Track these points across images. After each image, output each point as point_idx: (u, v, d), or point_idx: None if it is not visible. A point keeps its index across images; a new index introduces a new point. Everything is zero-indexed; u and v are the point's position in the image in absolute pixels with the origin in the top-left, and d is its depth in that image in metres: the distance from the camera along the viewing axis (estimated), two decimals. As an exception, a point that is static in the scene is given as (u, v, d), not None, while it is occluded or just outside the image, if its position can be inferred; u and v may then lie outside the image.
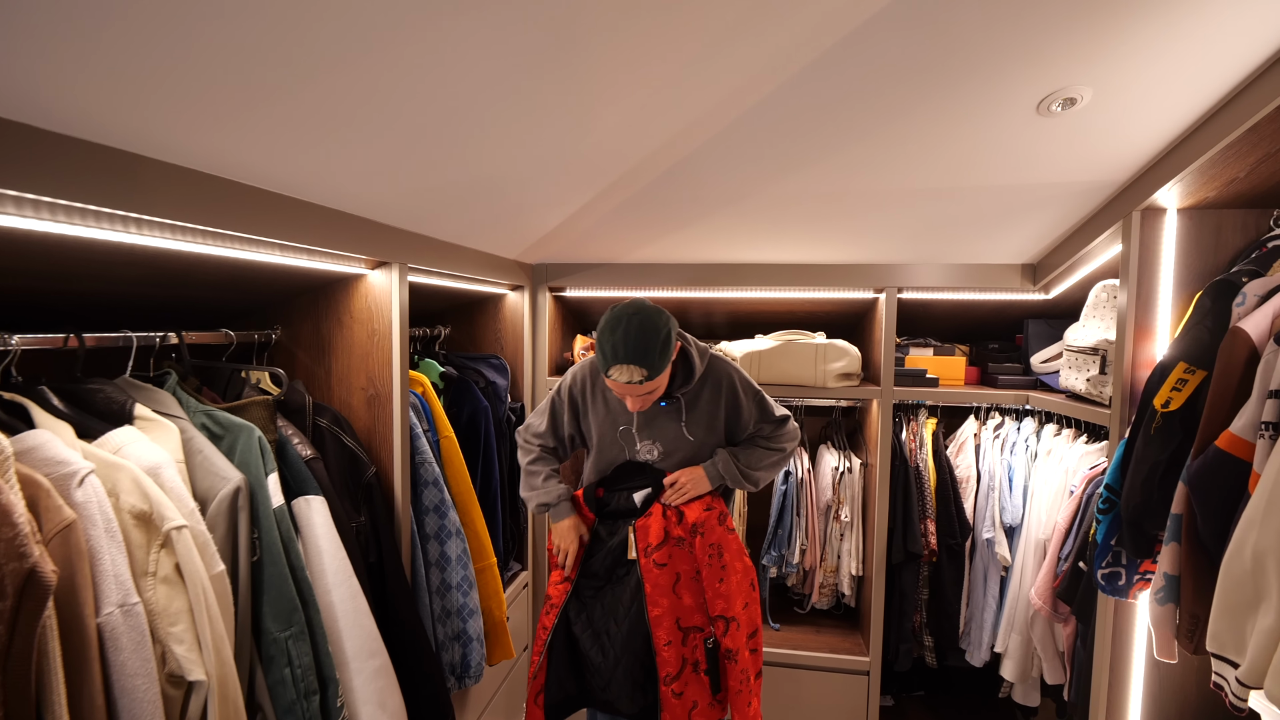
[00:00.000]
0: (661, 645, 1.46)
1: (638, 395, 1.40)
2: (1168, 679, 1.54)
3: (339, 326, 1.42)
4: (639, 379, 1.34)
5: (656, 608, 1.47)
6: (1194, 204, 1.47)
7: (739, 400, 1.57)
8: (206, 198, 0.91)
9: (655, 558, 1.48)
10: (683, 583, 1.49)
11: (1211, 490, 1.21)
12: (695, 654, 1.48)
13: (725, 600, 1.45)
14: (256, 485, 1.08)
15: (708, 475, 1.52)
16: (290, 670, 1.05)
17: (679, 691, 1.46)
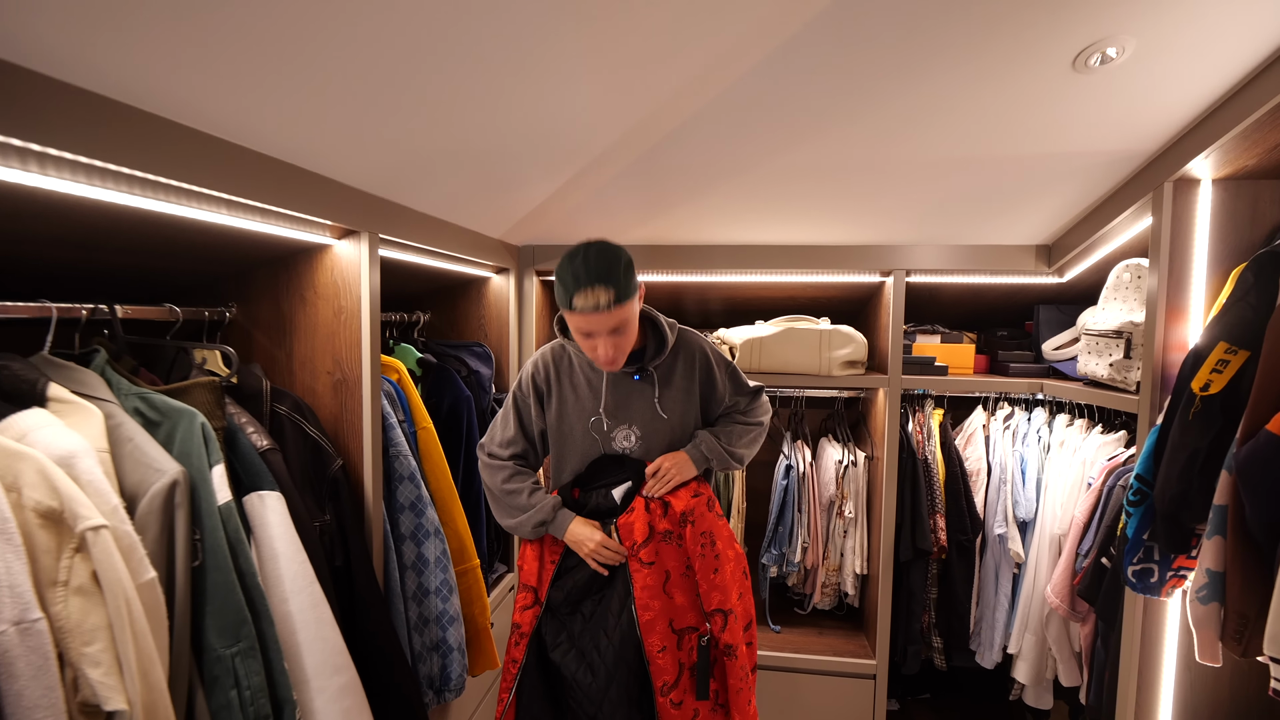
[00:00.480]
0: (655, 653, 1.33)
1: (607, 330, 1.23)
2: (1200, 682, 1.44)
3: (302, 304, 1.27)
4: (605, 302, 1.18)
5: (648, 611, 1.33)
6: (1230, 174, 1.37)
7: (712, 372, 1.45)
8: (121, 132, 0.77)
9: (642, 556, 1.34)
10: (673, 580, 1.35)
11: (1263, 478, 1.11)
12: (692, 656, 1.35)
13: (722, 592, 1.33)
14: (198, 479, 0.94)
15: (692, 459, 1.38)
16: (237, 692, 0.91)
17: (678, 701, 1.33)
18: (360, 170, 1.19)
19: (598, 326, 1.22)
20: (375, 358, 1.26)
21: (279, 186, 1.01)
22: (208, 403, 1.02)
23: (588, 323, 1.22)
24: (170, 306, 1.13)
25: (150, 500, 0.87)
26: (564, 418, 1.42)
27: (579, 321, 1.23)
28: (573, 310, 1.22)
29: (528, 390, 1.45)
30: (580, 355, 1.43)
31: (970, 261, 1.94)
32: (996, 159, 1.49)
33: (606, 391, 1.39)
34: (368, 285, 1.24)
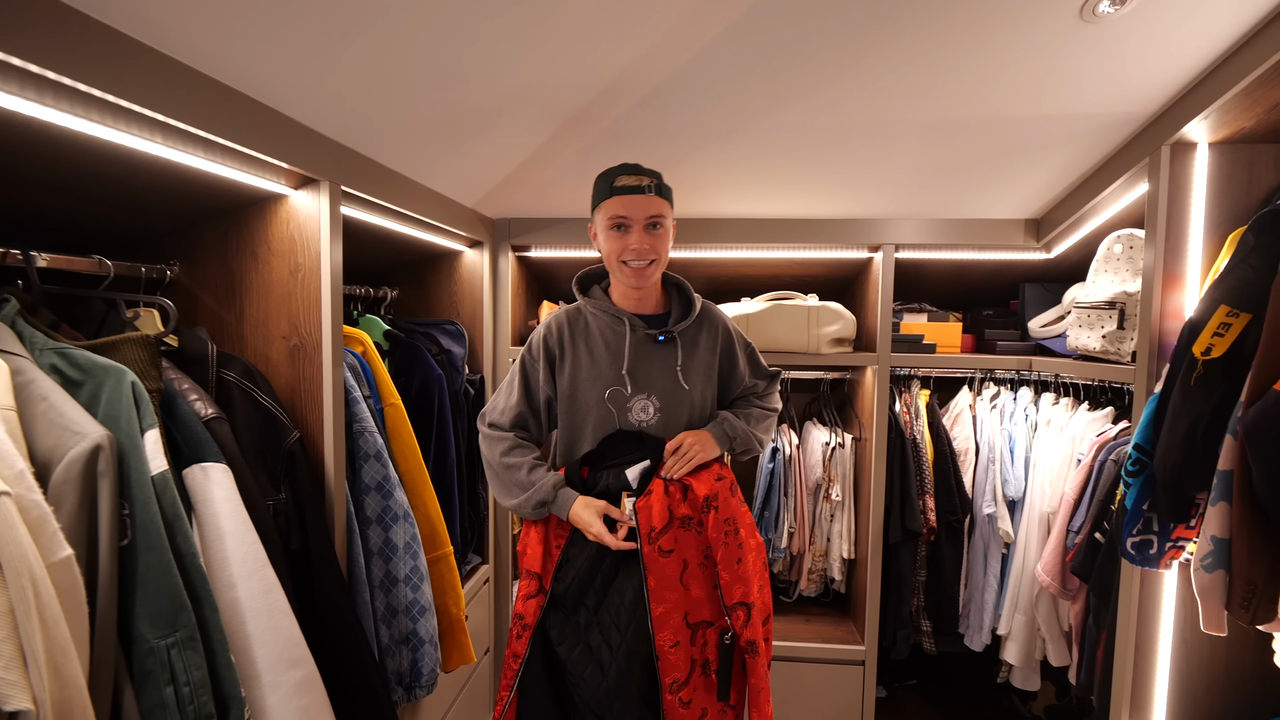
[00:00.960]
0: (667, 648, 1.22)
1: (645, 217, 1.23)
2: (1196, 655, 1.42)
3: (254, 261, 1.15)
4: (648, 185, 1.22)
5: (662, 604, 1.22)
6: (1227, 137, 1.35)
7: (734, 349, 1.38)
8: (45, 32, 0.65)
9: (660, 544, 1.22)
10: (691, 571, 1.24)
11: (1271, 439, 1.07)
12: (705, 653, 1.25)
13: (744, 584, 1.23)
14: (128, 445, 0.82)
15: (715, 437, 1.29)
16: (174, 689, 0.79)
17: (687, 699, 1.22)
18: (322, 112, 1.07)
19: (636, 211, 1.22)
20: (337, 321, 1.15)
21: (229, 117, 0.90)
22: (140, 361, 0.89)
23: (627, 206, 1.22)
24: (99, 258, 0.99)
25: (67, 467, 0.75)
26: (577, 384, 1.30)
27: (618, 205, 1.23)
28: (613, 193, 1.23)
29: (538, 353, 1.33)
30: (600, 317, 1.32)
31: (959, 236, 1.90)
32: (995, 120, 1.45)
33: (629, 353, 1.28)
34: (328, 241, 1.12)
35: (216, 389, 1.05)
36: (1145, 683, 1.45)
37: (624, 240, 1.23)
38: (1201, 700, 1.43)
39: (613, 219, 1.24)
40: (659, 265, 1.27)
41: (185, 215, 1.12)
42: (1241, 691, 1.42)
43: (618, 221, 1.23)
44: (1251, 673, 1.42)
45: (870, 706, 2.01)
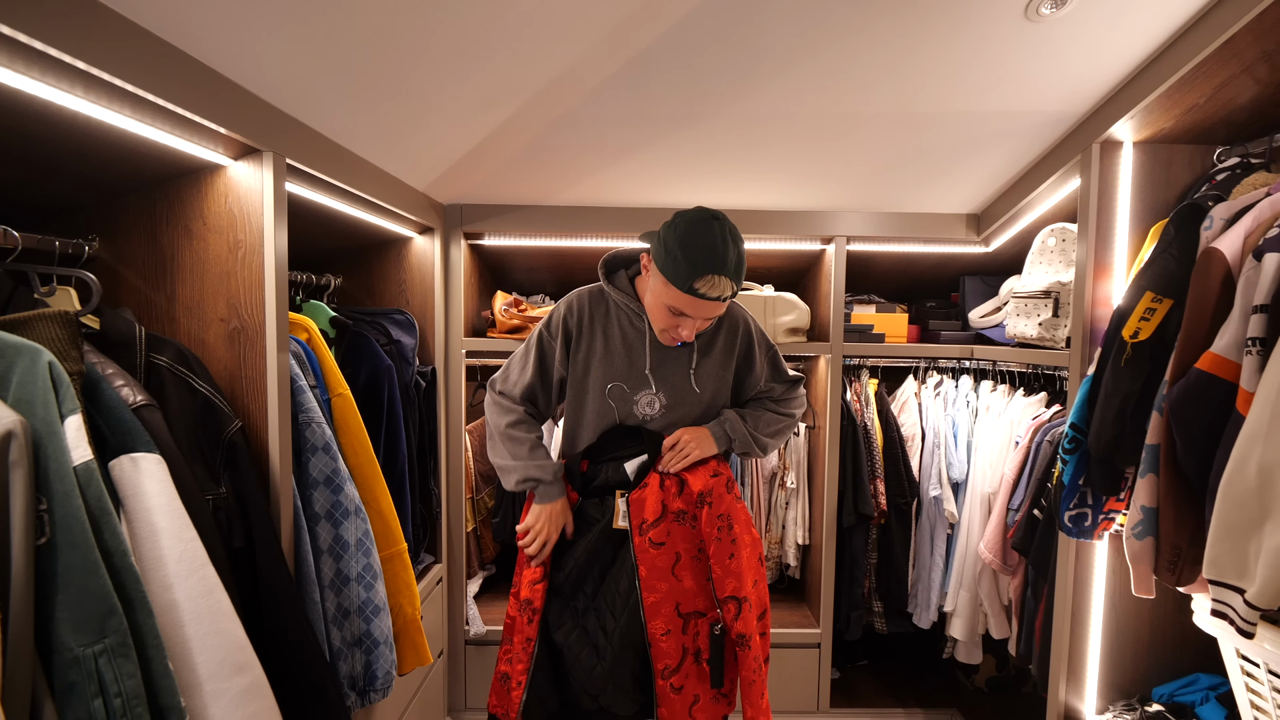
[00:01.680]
0: (658, 636, 1.23)
1: (707, 317, 1.19)
2: (1124, 619, 1.53)
3: (188, 237, 1.06)
4: (729, 294, 1.15)
5: (653, 594, 1.24)
6: (1149, 137, 1.45)
7: (753, 350, 1.36)
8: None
9: (652, 536, 1.24)
10: (683, 563, 1.26)
11: (1194, 414, 1.16)
12: (697, 642, 1.26)
13: (736, 579, 1.24)
14: (45, 433, 0.73)
15: (713, 435, 1.29)
16: (103, 701, 0.71)
17: (678, 685, 1.24)
18: (266, 76, 1.00)
19: (705, 314, 1.17)
20: (282, 302, 1.07)
21: (162, 73, 0.82)
22: (58, 340, 0.80)
23: (697, 309, 1.15)
24: (4, 229, 0.89)
25: (-29, 456, 0.66)
26: (589, 370, 1.30)
27: (688, 305, 1.14)
28: (690, 292, 1.12)
29: (556, 330, 1.31)
30: (623, 308, 1.31)
31: (906, 229, 1.98)
32: (943, 114, 1.51)
33: (650, 353, 1.28)
34: (272, 215, 1.04)
35: (146, 375, 0.96)
36: (1080, 647, 1.54)
37: (676, 323, 1.20)
38: (1129, 661, 1.53)
39: (674, 307, 1.17)
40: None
41: (109, 185, 1.02)
42: (1164, 651, 1.54)
43: (678, 311, 1.17)
44: (1172, 634, 1.54)
45: (826, 686, 2.06)
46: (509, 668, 1.33)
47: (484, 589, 2.25)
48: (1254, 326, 1.08)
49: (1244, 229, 1.19)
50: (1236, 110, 1.35)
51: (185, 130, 0.92)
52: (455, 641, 2.02)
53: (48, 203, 1.04)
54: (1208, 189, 1.35)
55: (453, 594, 2.00)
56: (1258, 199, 1.22)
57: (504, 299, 2.08)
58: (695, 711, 1.25)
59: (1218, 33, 1.15)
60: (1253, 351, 1.08)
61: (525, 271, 2.35)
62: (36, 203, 1.04)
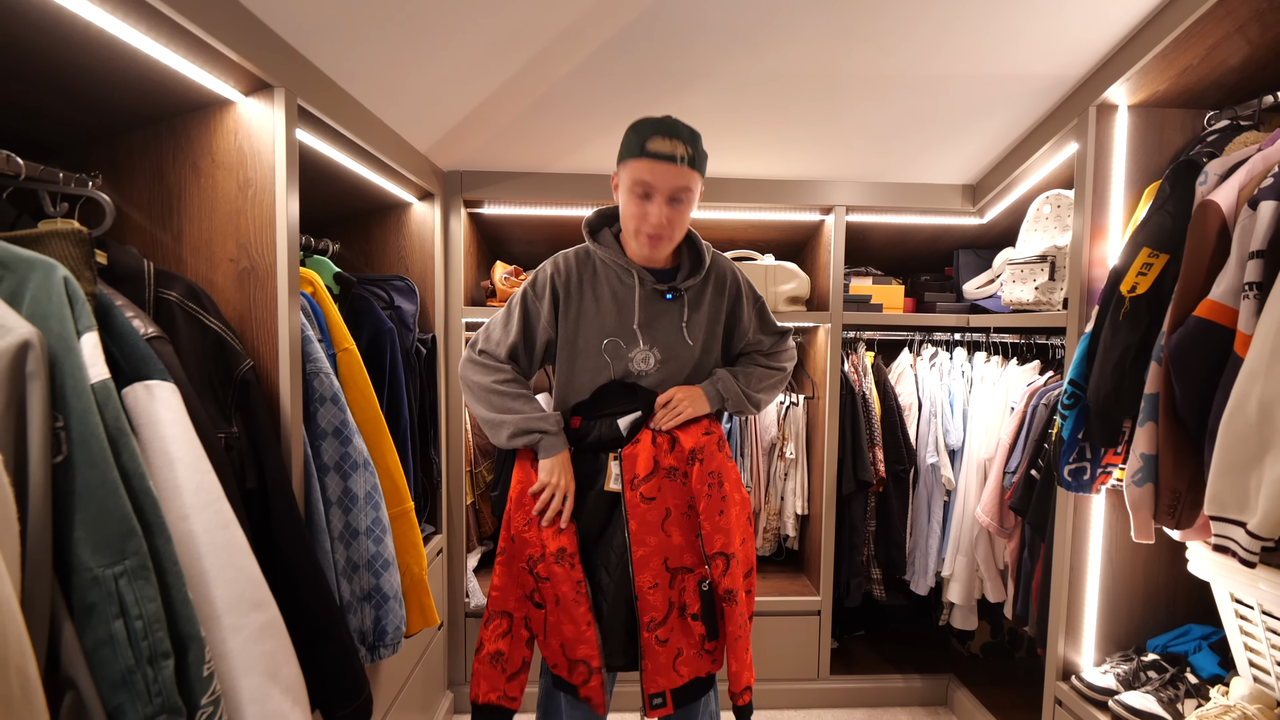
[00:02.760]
0: (646, 589, 1.23)
1: (670, 189, 1.15)
2: (1120, 572, 1.56)
3: (195, 174, 1.03)
4: (682, 154, 1.13)
5: (642, 547, 1.24)
6: (1143, 100, 1.49)
7: (741, 304, 1.36)
8: None
9: (643, 490, 1.24)
10: (672, 519, 1.26)
11: (1192, 360, 1.19)
12: (683, 597, 1.26)
13: (725, 535, 1.24)
14: (61, 348, 0.71)
15: (706, 395, 1.29)
16: (124, 622, 0.69)
17: (664, 638, 1.24)
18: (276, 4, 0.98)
19: (663, 181, 1.14)
20: (293, 242, 1.05)
21: (173, -15, 0.80)
22: (71, 259, 0.78)
23: (655, 174, 1.14)
24: (7, 154, 0.86)
25: (-11, 362, 0.64)
26: (580, 330, 1.28)
27: (646, 171, 1.14)
28: (643, 155, 1.13)
29: (543, 290, 1.28)
30: (610, 265, 1.29)
31: (904, 199, 2.00)
32: (942, 78, 1.53)
33: (639, 307, 1.26)
34: (284, 154, 1.02)
35: (155, 310, 0.94)
36: (1077, 601, 1.58)
37: (644, 209, 1.17)
38: (1124, 614, 1.57)
39: (637, 184, 1.16)
40: (676, 239, 1.24)
41: (114, 116, 0.99)
42: (1157, 603, 1.58)
43: (642, 189, 1.16)
44: (1165, 587, 1.58)
45: (826, 653, 2.08)
46: (503, 644, 1.27)
47: (482, 564, 2.23)
48: (1250, 271, 1.11)
49: (1238, 182, 1.23)
50: (1227, 72, 1.39)
51: (198, 55, 0.89)
52: (455, 613, 2.00)
53: (50, 137, 1.01)
54: (1201, 148, 1.39)
55: (453, 565, 1.98)
56: (1250, 154, 1.25)
57: (504, 268, 2.06)
58: (679, 664, 1.25)
59: (1212, -7, 1.18)
60: (1250, 296, 1.11)
61: (523, 244, 2.33)
62: (38, 137, 1.01)
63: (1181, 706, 1.39)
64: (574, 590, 1.21)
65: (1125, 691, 1.45)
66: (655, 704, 1.24)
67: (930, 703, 2.12)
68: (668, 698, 1.25)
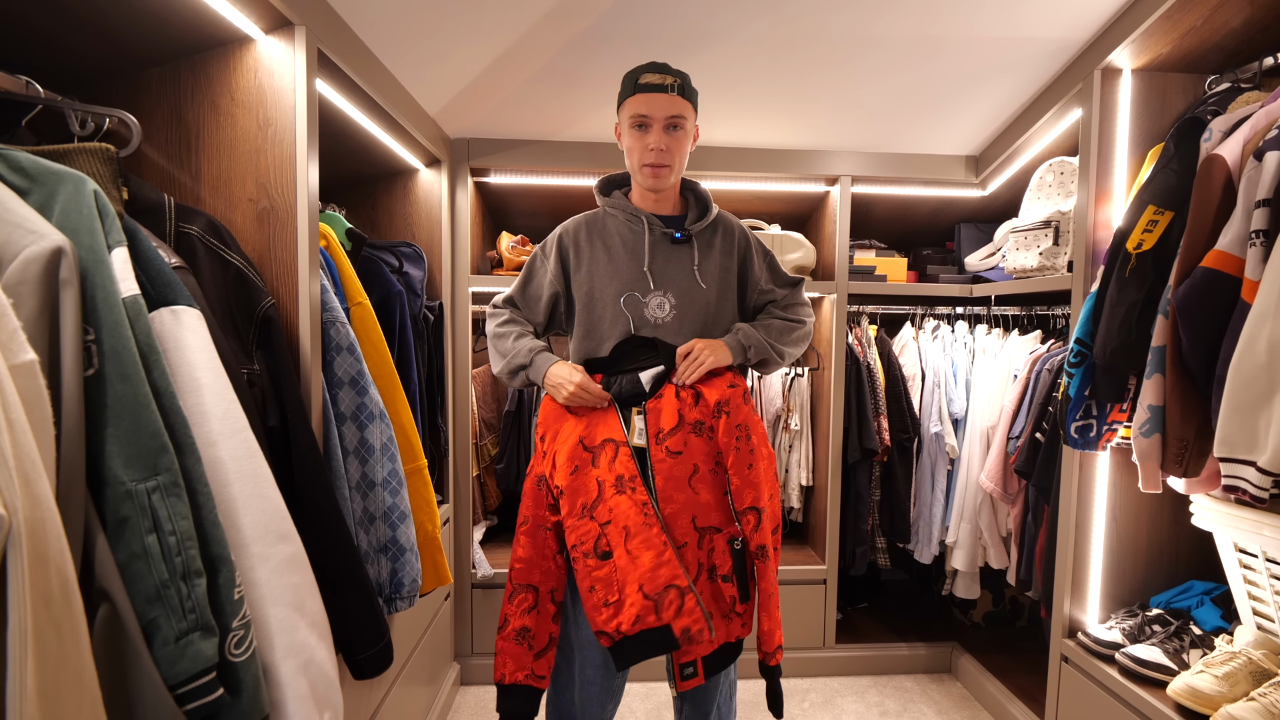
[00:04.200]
0: (675, 548, 1.19)
1: (666, 116, 1.22)
2: (1124, 530, 1.59)
3: (214, 112, 1.02)
4: (672, 84, 1.21)
5: (670, 504, 1.20)
6: (1146, 64, 1.51)
7: (750, 254, 1.37)
8: None
9: (669, 445, 1.21)
10: (700, 475, 1.22)
11: (1200, 310, 1.21)
12: (712, 559, 1.22)
13: (755, 490, 1.22)
14: (91, 261, 0.70)
15: (729, 346, 1.29)
16: (158, 538, 0.69)
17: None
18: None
19: (657, 110, 1.22)
20: (313, 181, 1.04)
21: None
22: (99, 176, 0.77)
23: (650, 104, 1.22)
24: (27, 79, 0.84)
25: (24, 266, 0.63)
26: (594, 281, 1.29)
27: (640, 103, 1.23)
28: (637, 90, 1.22)
29: (550, 250, 1.34)
30: (617, 216, 1.31)
31: (908, 170, 2.02)
32: (954, 40, 1.54)
33: (648, 251, 1.28)
34: (305, 93, 1.01)
35: (176, 244, 0.92)
36: (1082, 559, 1.60)
37: (644, 139, 1.24)
38: (1128, 571, 1.60)
39: (634, 117, 1.24)
40: (677, 169, 1.27)
41: (133, 50, 0.98)
42: (1160, 561, 1.60)
43: (639, 120, 1.24)
44: (1168, 545, 1.61)
45: (832, 622, 2.09)
46: (529, 620, 1.22)
47: (487, 537, 2.22)
48: (1257, 220, 1.14)
49: (1243, 136, 1.25)
50: (1229, 35, 1.41)
51: (222, -16, 0.89)
52: (462, 583, 1.99)
53: (67, 70, 0.99)
54: (1204, 107, 1.42)
55: (459, 536, 1.97)
56: (1253, 110, 1.28)
57: (510, 238, 2.06)
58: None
59: (1220, -53, 1.20)
60: (1256, 244, 1.14)
61: (526, 215, 2.33)
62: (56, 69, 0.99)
63: (1187, 656, 1.41)
64: (641, 513, 1.16)
65: (1131, 645, 1.48)
66: (687, 674, 1.20)
67: (934, 669, 2.14)
68: (699, 666, 1.20)
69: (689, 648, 1.18)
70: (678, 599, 1.13)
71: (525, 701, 1.24)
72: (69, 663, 0.58)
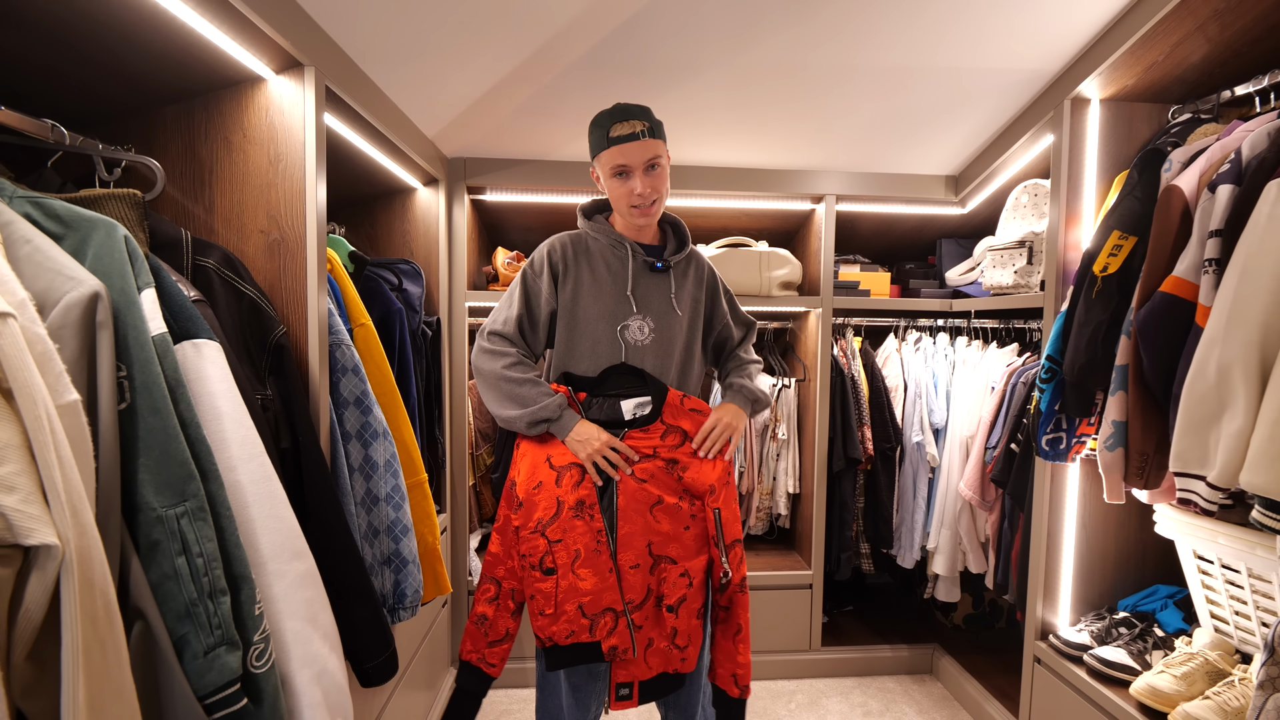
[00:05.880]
0: (626, 568, 1.24)
1: (644, 161, 1.26)
2: (1093, 536, 1.67)
3: (227, 148, 1.07)
4: (642, 130, 1.25)
5: (628, 524, 1.25)
6: (1113, 94, 1.60)
7: (718, 291, 1.46)
8: None
9: (637, 470, 1.27)
10: (664, 506, 1.27)
11: (1158, 332, 1.29)
12: (661, 587, 1.26)
13: (738, 524, 1.31)
14: (123, 302, 0.75)
15: (739, 406, 1.38)
16: (187, 560, 0.74)
17: (639, 623, 1.24)
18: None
19: (635, 158, 1.26)
20: (322, 214, 1.10)
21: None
22: (127, 220, 0.82)
23: (626, 154, 1.25)
24: (52, 124, 0.89)
25: (65, 311, 0.68)
26: (579, 300, 1.35)
27: (616, 155, 1.26)
28: (610, 143, 1.26)
29: (541, 268, 1.36)
30: (602, 241, 1.37)
31: (890, 189, 2.10)
32: (931, 70, 1.62)
33: (633, 277, 1.35)
34: (313, 131, 1.07)
35: (193, 277, 0.98)
36: (1054, 565, 1.68)
37: (628, 186, 1.28)
38: (1097, 576, 1.68)
39: (614, 168, 1.28)
40: (662, 201, 1.34)
41: (150, 90, 1.03)
42: (1127, 567, 1.69)
43: (619, 170, 1.28)
44: (1134, 551, 1.69)
45: (818, 625, 2.16)
46: (489, 609, 1.30)
47: (483, 545, 2.28)
48: (1210, 249, 1.22)
49: (1199, 168, 1.33)
50: (1189, 69, 1.50)
51: (238, 30, 0.94)
52: (459, 590, 2.04)
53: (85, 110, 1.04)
54: (1166, 138, 1.50)
55: (456, 544, 2.02)
56: (1210, 143, 1.36)
57: (506, 253, 2.11)
58: (649, 655, 1.25)
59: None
60: (1209, 271, 1.22)
61: (521, 231, 2.39)
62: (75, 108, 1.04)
63: (1150, 657, 1.49)
64: (594, 540, 1.23)
65: (1099, 646, 1.56)
66: (621, 695, 1.25)
67: (916, 670, 2.22)
68: (635, 690, 1.25)
69: (628, 669, 1.24)
70: (612, 622, 1.22)
71: (477, 682, 1.30)
72: (112, 676, 0.63)
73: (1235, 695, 1.29)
